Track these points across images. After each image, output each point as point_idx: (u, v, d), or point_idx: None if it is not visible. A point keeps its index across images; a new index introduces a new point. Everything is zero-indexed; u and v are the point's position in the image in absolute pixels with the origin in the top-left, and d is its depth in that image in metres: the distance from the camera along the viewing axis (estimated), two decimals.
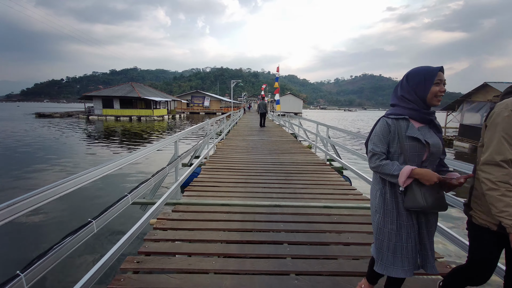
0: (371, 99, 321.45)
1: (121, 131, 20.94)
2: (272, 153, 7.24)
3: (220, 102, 60.24)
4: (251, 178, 4.80)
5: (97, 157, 10.81)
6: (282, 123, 16.15)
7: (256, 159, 6.35)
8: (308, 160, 6.43)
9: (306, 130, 9.44)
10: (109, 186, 7.09)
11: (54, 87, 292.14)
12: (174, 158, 3.52)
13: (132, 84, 34.22)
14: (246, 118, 24.31)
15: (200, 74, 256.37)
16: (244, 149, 7.65)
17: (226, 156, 6.64)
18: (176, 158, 3.49)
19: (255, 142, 9.23)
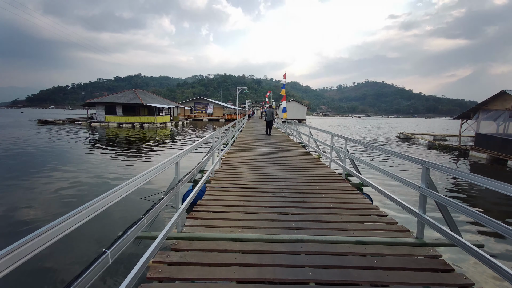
0: (374, 105, 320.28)
1: (120, 138, 20.47)
2: (283, 167, 6.62)
3: (223, 108, 59.99)
4: (263, 200, 4.17)
5: (92, 167, 10.27)
6: (289, 131, 15.56)
7: (266, 175, 5.73)
8: (324, 176, 5.80)
9: (316, 140, 8.84)
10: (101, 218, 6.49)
11: (60, 94, 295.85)
12: (174, 183, 2.92)
13: (135, 90, 34.01)
14: (251, 126, 23.78)
15: (203, 81, 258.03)
16: (252, 162, 7.04)
17: (233, 171, 6.03)
18: (177, 183, 2.89)
19: (263, 153, 8.62)
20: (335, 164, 6.44)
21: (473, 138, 23.02)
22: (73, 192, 7.15)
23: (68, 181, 8.18)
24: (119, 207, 5.87)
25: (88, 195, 6.95)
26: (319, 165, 6.97)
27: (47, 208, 6.03)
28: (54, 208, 6.04)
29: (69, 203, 6.40)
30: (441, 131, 40.25)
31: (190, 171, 3.65)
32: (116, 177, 8.80)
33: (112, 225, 5.23)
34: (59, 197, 6.80)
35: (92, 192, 7.23)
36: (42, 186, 7.67)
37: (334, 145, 6.48)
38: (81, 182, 8.12)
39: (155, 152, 14.52)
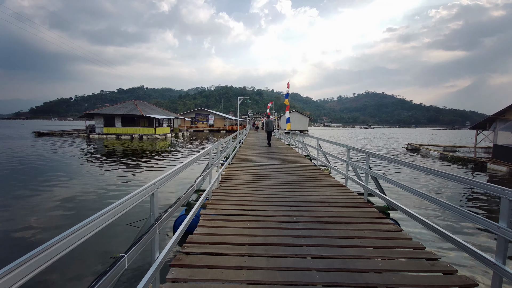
0: (375, 116, 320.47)
1: (115, 150, 19.67)
2: (292, 185, 5.72)
3: (225, 120, 59.53)
4: (272, 234, 3.26)
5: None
6: (293, 142, 14.71)
7: (273, 197, 4.82)
8: (342, 198, 4.88)
9: (326, 153, 7.96)
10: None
11: (63, 106, 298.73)
12: (148, 224, 2.03)
13: (135, 101, 33.53)
14: (252, 137, 22.98)
15: (205, 92, 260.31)
16: (255, 180, 6.15)
17: (234, 191, 5.13)
18: (152, 224, 1.99)
19: (267, 168, 7.72)
20: (351, 181, 5.55)
21: (486, 149, 22.14)
22: (42, 220, 6.25)
23: (46, 202, 7.29)
24: (98, 237, 4.94)
25: (64, 223, 6.05)
26: (332, 183, 6.06)
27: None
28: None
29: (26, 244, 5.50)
30: (445, 141, 39.31)
31: (178, 200, 2.79)
32: (102, 195, 7.90)
33: (81, 269, 4.29)
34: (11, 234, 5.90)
35: (73, 216, 6.32)
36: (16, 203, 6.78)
37: (350, 160, 5.60)
38: (64, 203, 7.23)
39: (148, 166, 13.66)
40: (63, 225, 5.76)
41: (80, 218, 1.52)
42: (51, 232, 5.40)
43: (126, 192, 8.00)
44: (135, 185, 9.17)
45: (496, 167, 12.97)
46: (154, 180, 2.08)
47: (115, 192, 8.26)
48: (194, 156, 3.62)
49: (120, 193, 8.22)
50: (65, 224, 5.76)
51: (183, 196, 3.09)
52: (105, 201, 7.42)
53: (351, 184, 5.87)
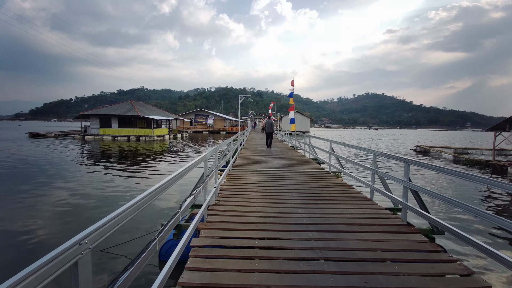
0: (375, 117, 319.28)
1: (110, 152, 18.64)
2: (306, 198, 4.69)
3: (225, 121, 58.58)
4: (292, 284, 2.23)
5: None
6: (298, 144, 13.69)
7: (285, 216, 3.80)
8: (372, 216, 3.86)
9: (339, 157, 6.96)
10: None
11: (63, 107, 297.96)
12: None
13: (132, 102, 32.51)
14: (253, 138, 21.98)
15: (205, 94, 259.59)
16: (260, 192, 5.12)
17: (235, 208, 4.10)
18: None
19: (273, 176, 6.70)
20: (378, 193, 4.54)
21: (499, 151, 21.04)
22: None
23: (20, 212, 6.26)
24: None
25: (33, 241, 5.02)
26: (353, 195, 5.03)
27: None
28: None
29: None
30: (447, 142, 38.30)
31: (167, 223, 1.80)
32: (86, 205, 6.87)
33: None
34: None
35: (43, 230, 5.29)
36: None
37: (377, 169, 4.58)
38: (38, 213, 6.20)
39: (140, 170, 12.65)
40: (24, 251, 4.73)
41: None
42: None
43: (98, 213, 7.01)
44: (118, 196, 8.13)
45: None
46: (83, 233, 1.06)
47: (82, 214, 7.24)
48: (181, 169, 2.61)
49: (92, 213, 7.20)
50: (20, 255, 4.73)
51: (170, 224, 2.14)
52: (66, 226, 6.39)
53: (378, 197, 4.86)
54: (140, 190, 8.56)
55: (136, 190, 8.62)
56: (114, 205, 6.95)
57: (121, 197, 7.75)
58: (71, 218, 6.08)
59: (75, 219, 6.06)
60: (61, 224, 5.74)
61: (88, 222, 5.62)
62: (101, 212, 6.48)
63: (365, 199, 4.80)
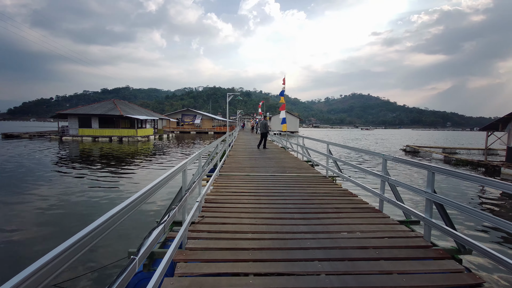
0: (361, 117, 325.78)
1: (88, 154, 17.36)
2: (305, 211, 3.99)
3: (213, 120, 57.44)
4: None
5: None
6: (290, 145, 13.06)
7: (283, 235, 3.08)
8: (388, 235, 3.20)
9: (337, 160, 6.34)
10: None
11: (43, 106, 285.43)
12: None
13: (114, 101, 30.88)
14: (242, 138, 21.23)
15: (193, 93, 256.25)
16: (252, 202, 4.39)
17: (222, 228, 3.34)
18: None
19: (266, 182, 5.98)
20: (387, 204, 3.93)
21: (485, 151, 21.29)
22: None
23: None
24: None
25: None
26: (359, 206, 4.39)
27: None
28: None
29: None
30: (433, 142, 39.04)
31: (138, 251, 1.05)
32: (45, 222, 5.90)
33: None
34: None
35: None
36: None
37: (389, 176, 3.95)
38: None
39: (111, 177, 11.63)
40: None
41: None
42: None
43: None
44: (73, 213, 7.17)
45: (510, 171, 11.82)
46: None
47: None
48: (148, 186, 1.84)
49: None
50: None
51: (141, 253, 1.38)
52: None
53: (388, 208, 4.23)
54: (102, 208, 7.62)
55: (96, 209, 7.53)
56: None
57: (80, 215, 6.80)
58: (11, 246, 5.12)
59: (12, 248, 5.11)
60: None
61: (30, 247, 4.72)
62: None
63: (374, 210, 4.16)
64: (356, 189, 6.87)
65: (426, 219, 3.09)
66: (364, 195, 6.69)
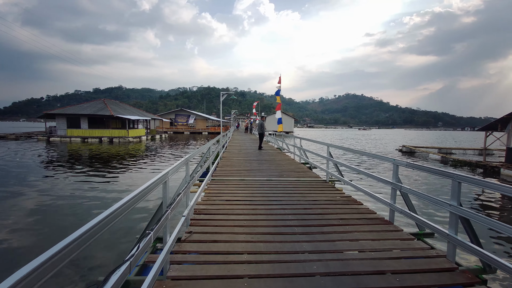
0: (355, 117, 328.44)
1: (73, 156, 16.62)
2: (307, 224, 3.53)
3: (207, 121, 56.74)
4: None
5: None
6: (286, 147, 12.62)
7: (285, 256, 2.61)
8: (401, 252, 2.77)
9: (338, 163, 5.92)
10: None
11: (33, 106, 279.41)
12: None
13: (105, 100, 29.97)
14: (237, 139, 20.72)
15: (187, 93, 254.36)
16: (247, 213, 3.91)
17: (213, 247, 2.85)
18: None
19: (261, 187, 5.50)
20: (399, 215, 3.51)
21: (480, 151, 21.33)
22: None
23: None
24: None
25: None
26: (365, 214, 3.95)
27: None
28: None
29: None
30: (424, 142, 39.22)
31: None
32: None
33: None
34: None
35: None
36: None
37: (401, 184, 3.52)
38: None
39: (103, 180, 11.02)
40: None
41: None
42: None
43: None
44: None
45: (510, 172, 11.62)
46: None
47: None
48: (114, 207, 1.35)
49: None
50: None
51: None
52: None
53: (400, 220, 3.82)
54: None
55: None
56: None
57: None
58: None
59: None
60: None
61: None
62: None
63: (384, 222, 3.72)
64: (357, 193, 6.47)
65: (451, 237, 2.66)
66: (365, 200, 6.29)
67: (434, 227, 2.92)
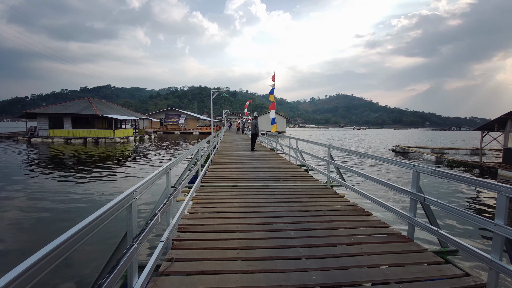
0: (345, 117, 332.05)
1: (52, 159, 15.59)
2: (313, 243, 2.96)
3: (198, 120, 55.73)
4: None
5: None
6: (281, 148, 12.07)
7: (289, 280, 2.03)
8: (432, 281, 2.23)
9: (339, 166, 5.40)
10: None
11: (17, 105, 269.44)
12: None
13: (90, 99, 28.66)
14: (229, 140, 20.07)
15: (178, 93, 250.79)
16: (242, 229, 3.30)
17: (201, 279, 2.22)
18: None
19: (257, 194, 4.91)
20: (420, 230, 2.98)
21: (472, 151, 21.49)
22: None
23: None
24: None
25: None
26: (379, 229, 3.42)
27: None
28: None
29: None
30: (415, 142, 39.59)
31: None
32: None
33: None
34: None
35: None
36: None
37: (426, 196, 2.99)
38: None
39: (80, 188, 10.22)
40: None
41: None
42: None
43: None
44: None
45: (508, 173, 11.45)
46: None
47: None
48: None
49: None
50: None
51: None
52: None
53: (419, 235, 3.30)
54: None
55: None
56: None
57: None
58: None
59: None
60: None
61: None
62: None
63: (402, 239, 3.17)
64: (361, 200, 5.97)
65: (494, 263, 2.13)
66: (371, 208, 5.80)
67: (477, 252, 2.36)
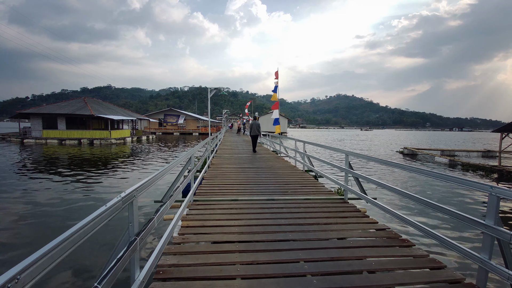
0: (346, 118, 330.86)
1: (40, 162, 14.68)
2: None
3: (198, 121, 54.81)
4: None
5: None
6: (284, 151, 11.13)
7: None
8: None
9: (360, 177, 4.48)
10: None
11: (17, 106, 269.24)
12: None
13: (85, 99, 27.76)
14: (229, 141, 19.16)
15: (178, 93, 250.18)
16: (246, 268, 2.37)
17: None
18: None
19: (263, 211, 3.99)
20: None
21: (484, 153, 20.47)
22: None
23: None
24: None
25: None
26: (426, 263, 2.50)
27: None
28: None
29: None
30: (422, 143, 38.68)
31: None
32: None
33: None
34: None
35: None
36: None
37: (510, 232, 2.05)
38: None
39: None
40: None
41: None
42: None
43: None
44: None
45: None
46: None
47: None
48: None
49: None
50: None
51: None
52: None
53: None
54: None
55: None
56: None
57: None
58: None
59: None
60: None
61: None
62: None
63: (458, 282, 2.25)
64: (378, 213, 5.03)
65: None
66: (402, 229, 4.87)
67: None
